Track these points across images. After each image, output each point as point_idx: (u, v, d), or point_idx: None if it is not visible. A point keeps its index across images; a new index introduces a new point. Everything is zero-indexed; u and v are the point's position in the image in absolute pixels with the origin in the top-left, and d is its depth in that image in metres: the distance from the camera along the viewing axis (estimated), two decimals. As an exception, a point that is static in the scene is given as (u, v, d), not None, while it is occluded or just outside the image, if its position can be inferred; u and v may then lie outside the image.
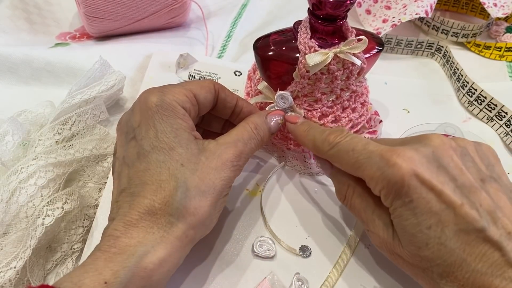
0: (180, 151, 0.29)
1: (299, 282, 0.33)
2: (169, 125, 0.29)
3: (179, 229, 0.27)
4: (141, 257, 0.26)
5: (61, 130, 0.39)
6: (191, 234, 0.28)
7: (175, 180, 0.28)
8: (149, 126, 0.29)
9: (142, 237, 0.26)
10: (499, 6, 0.55)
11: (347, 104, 0.38)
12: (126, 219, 0.27)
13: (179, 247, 0.28)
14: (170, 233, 0.27)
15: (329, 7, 0.33)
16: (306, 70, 0.34)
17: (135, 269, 0.25)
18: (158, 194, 0.27)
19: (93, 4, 0.50)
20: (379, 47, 0.37)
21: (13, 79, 0.49)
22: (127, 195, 0.28)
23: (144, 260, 0.26)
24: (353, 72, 0.35)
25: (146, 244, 0.26)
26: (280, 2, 0.64)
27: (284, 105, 0.36)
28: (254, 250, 0.34)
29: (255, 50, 0.36)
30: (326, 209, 0.38)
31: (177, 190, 0.28)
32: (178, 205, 0.27)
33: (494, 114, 0.47)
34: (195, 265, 0.33)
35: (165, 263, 0.27)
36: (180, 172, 0.28)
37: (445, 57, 0.55)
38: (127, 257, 0.25)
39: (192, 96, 0.32)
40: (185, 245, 0.28)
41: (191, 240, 0.29)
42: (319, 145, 0.32)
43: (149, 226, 0.27)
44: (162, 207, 0.27)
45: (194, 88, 0.32)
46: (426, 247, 0.26)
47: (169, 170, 0.28)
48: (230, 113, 0.36)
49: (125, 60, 0.50)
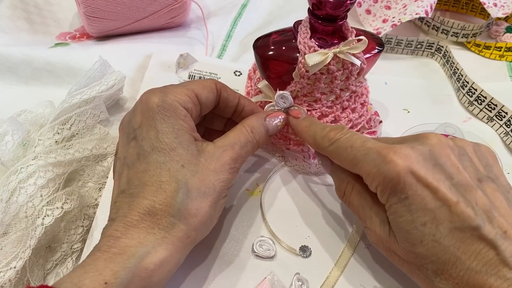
0: (181, 152, 0.29)
1: (299, 282, 0.33)
2: (171, 126, 0.29)
3: (180, 230, 0.27)
4: (141, 258, 0.26)
5: (61, 130, 0.39)
6: (193, 235, 0.28)
7: (176, 181, 0.28)
8: (150, 126, 0.29)
9: (143, 237, 0.26)
10: (499, 6, 0.55)
11: (346, 105, 0.38)
12: (127, 220, 0.27)
13: (180, 248, 0.28)
14: (171, 234, 0.27)
15: (329, 7, 0.33)
16: (305, 70, 0.34)
17: (135, 269, 0.25)
18: (158, 195, 0.27)
19: (93, 4, 0.50)
20: (379, 48, 0.37)
21: (13, 79, 0.49)
22: (126, 196, 0.28)
23: (144, 261, 0.26)
24: (353, 72, 0.35)
25: (147, 244, 0.26)
26: (280, 2, 0.64)
27: (284, 104, 0.36)
28: (254, 250, 0.34)
29: (255, 50, 0.36)
30: (326, 209, 0.38)
31: (178, 192, 0.28)
32: (179, 206, 0.27)
33: (494, 114, 0.47)
34: (195, 265, 0.33)
35: (165, 264, 0.27)
36: (181, 173, 0.28)
37: (445, 57, 0.55)
38: (127, 257, 0.25)
39: (194, 96, 0.32)
40: (186, 246, 0.28)
41: (192, 241, 0.29)
42: (319, 141, 0.32)
43: (150, 226, 0.27)
44: (163, 208, 0.27)
45: (196, 88, 0.32)
46: (420, 244, 0.26)
47: (170, 171, 0.28)
48: (232, 112, 0.36)
49: (125, 60, 0.50)
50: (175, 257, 0.27)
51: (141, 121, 0.30)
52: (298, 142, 0.39)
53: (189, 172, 0.28)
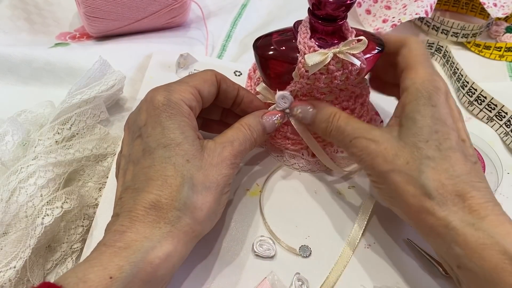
0: (186, 147, 0.29)
1: (299, 282, 0.33)
2: (176, 122, 0.30)
3: (186, 224, 0.28)
4: (147, 252, 0.26)
5: (61, 130, 0.39)
6: (198, 229, 0.29)
7: (181, 176, 0.28)
8: (155, 124, 0.30)
9: (149, 232, 0.27)
10: (499, 6, 0.55)
11: (346, 105, 0.38)
12: (132, 214, 0.27)
13: (185, 242, 0.28)
14: (177, 228, 0.27)
15: (329, 7, 0.33)
16: (305, 70, 0.34)
17: (141, 263, 0.25)
18: (164, 190, 0.28)
19: (93, 4, 0.50)
20: (379, 48, 0.37)
21: (13, 79, 0.49)
22: (132, 191, 0.28)
23: (150, 255, 0.26)
24: (353, 73, 0.35)
25: (153, 239, 0.26)
26: (280, 2, 0.64)
27: (285, 105, 0.36)
28: (254, 250, 0.34)
29: (255, 50, 0.36)
30: (326, 209, 0.38)
31: (183, 186, 0.28)
32: (185, 200, 0.28)
33: (494, 114, 0.47)
34: (196, 265, 0.33)
35: (170, 258, 0.27)
36: (186, 168, 0.29)
37: (445, 57, 0.55)
38: (133, 252, 0.25)
39: (197, 93, 0.32)
40: (191, 239, 0.29)
41: (197, 235, 0.29)
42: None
43: (156, 221, 0.27)
44: (168, 202, 0.27)
45: (198, 84, 0.33)
46: (426, 143, 0.30)
47: (175, 166, 0.29)
48: (231, 103, 0.36)
49: (125, 60, 0.50)
50: (180, 251, 0.28)
51: (146, 119, 0.30)
52: (297, 142, 0.39)
53: (193, 167, 0.29)
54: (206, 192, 0.29)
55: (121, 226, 0.27)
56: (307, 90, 0.36)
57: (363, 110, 0.40)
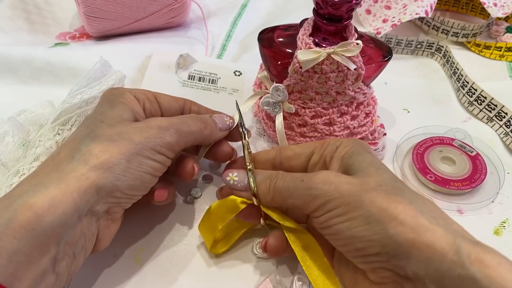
0: (108, 113, 0.31)
1: (300, 282, 0.33)
2: (111, 100, 0.32)
3: (77, 169, 0.27)
4: (29, 196, 0.25)
5: (61, 130, 0.39)
6: (92, 176, 0.27)
7: (88, 130, 0.29)
8: (97, 106, 0.32)
9: (37, 181, 0.26)
10: (499, 6, 0.55)
11: (345, 110, 0.38)
12: (31, 174, 0.28)
13: (78, 188, 0.26)
14: (67, 173, 0.26)
15: (330, 6, 0.33)
16: (299, 65, 0.34)
17: (20, 208, 0.24)
18: (69, 144, 0.29)
19: (93, 4, 0.50)
20: (385, 57, 0.37)
21: (13, 79, 0.49)
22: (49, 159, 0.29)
23: (31, 199, 0.25)
24: (349, 76, 0.35)
25: (37, 186, 0.26)
26: (280, 2, 0.64)
27: (279, 97, 0.37)
28: (255, 251, 0.34)
29: (260, 42, 0.37)
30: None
31: (86, 137, 0.29)
32: (81, 147, 0.28)
33: (494, 114, 0.47)
34: (196, 265, 0.33)
35: (58, 203, 0.25)
36: (97, 126, 0.29)
37: (445, 57, 0.55)
38: (14, 199, 0.25)
39: (152, 95, 0.34)
40: (86, 187, 0.26)
41: (93, 185, 0.27)
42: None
43: (48, 172, 0.27)
44: (67, 153, 0.28)
45: (159, 95, 0.35)
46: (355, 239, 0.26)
47: (88, 126, 0.30)
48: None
49: (125, 60, 0.50)
50: (71, 198, 0.26)
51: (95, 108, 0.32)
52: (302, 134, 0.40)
53: (106, 125, 0.30)
54: (108, 143, 0.28)
55: (17, 186, 0.27)
56: (302, 87, 0.36)
57: (366, 120, 0.40)
